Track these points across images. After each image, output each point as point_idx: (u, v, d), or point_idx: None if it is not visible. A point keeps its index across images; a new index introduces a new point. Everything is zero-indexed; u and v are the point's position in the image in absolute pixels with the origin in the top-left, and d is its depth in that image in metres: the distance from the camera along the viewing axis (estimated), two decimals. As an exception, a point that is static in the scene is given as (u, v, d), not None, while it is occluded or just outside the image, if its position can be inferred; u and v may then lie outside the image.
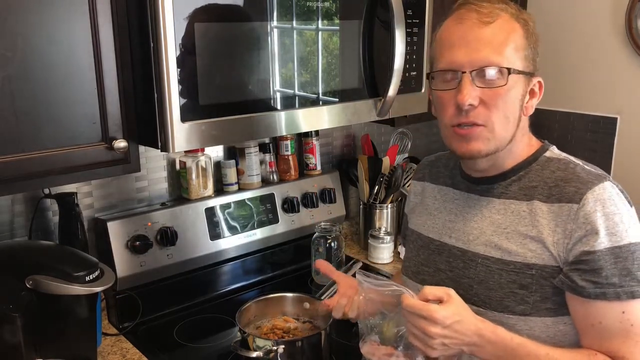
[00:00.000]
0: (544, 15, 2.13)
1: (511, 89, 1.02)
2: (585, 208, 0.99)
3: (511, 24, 1.03)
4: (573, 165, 1.07)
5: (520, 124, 1.07)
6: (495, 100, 1.01)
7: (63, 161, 1.13)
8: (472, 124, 1.03)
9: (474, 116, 1.02)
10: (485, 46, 1.01)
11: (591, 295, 0.98)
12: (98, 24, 1.11)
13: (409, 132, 2.12)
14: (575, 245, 0.99)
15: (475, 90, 1.01)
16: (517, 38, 1.03)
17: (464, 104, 1.00)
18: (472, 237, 1.11)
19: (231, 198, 1.74)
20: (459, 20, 1.04)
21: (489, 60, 1.00)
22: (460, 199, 1.16)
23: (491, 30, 1.01)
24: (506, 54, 1.01)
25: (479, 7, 1.03)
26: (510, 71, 1.00)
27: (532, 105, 1.08)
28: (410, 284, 1.22)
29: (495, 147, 1.05)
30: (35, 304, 1.17)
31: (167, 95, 1.14)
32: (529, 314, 1.03)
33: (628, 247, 0.98)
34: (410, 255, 1.26)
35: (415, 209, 1.29)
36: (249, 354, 1.29)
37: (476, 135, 1.03)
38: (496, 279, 1.06)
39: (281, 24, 1.30)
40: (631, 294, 0.97)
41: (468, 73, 1.01)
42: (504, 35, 1.02)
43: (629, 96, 1.97)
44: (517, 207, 1.07)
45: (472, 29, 1.02)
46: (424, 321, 0.97)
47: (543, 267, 1.02)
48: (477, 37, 1.01)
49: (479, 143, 1.04)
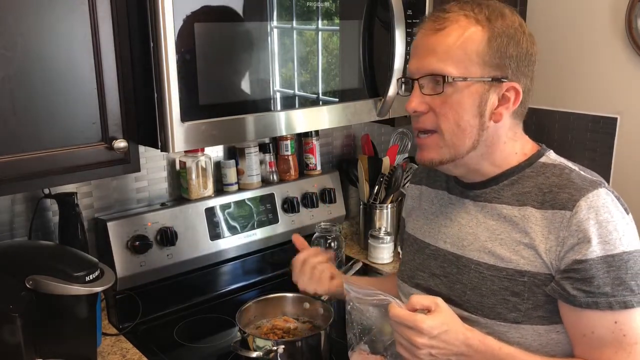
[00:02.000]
0: (543, 15, 2.13)
1: (459, 97, 1.00)
2: (578, 216, 0.97)
3: (467, 29, 0.99)
4: (568, 171, 1.05)
5: (489, 132, 1.03)
6: (442, 108, 1.01)
7: (63, 161, 1.13)
8: (422, 129, 1.05)
9: (422, 122, 1.04)
10: (429, 54, 1.01)
11: (583, 304, 0.97)
12: (98, 24, 1.11)
13: (409, 132, 2.12)
14: (567, 253, 0.98)
15: (422, 97, 1.02)
16: (471, 44, 0.99)
17: (410, 110, 1.04)
18: (466, 243, 1.09)
19: (231, 198, 1.74)
20: (419, 29, 1.06)
21: (430, 68, 1.00)
22: (455, 203, 1.15)
23: (439, 37, 1.00)
24: (453, 60, 0.99)
25: (438, 14, 1.02)
26: (446, 79, 0.99)
27: (502, 113, 1.03)
28: (404, 288, 1.21)
29: (451, 156, 1.04)
30: (35, 304, 1.17)
31: (167, 95, 1.14)
32: (521, 321, 1.02)
33: (621, 256, 0.96)
34: (406, 259, 1.24)
35: (412, 212, 1.28)
36: (249, 354, 1.29)
37: (428, 144, 1.05)
38: (488, 286, 1.04)
39: (281, 24, 1.30)
40: (624, 303, 0.95)
41: (416, 80, 1.02)
42: (451, 41, 0.99)
43: (629, 96, 1.97)
44: (510, 213, 1.05)
45: (423, 38, 1.03)
46: (411, 331, 0.96)
47: (535, 275, 1.01)
48: (425, 44, 1.02)
49: (432, 152, 1.05)
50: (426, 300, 1.00)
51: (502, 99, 1.02)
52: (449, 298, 1.08)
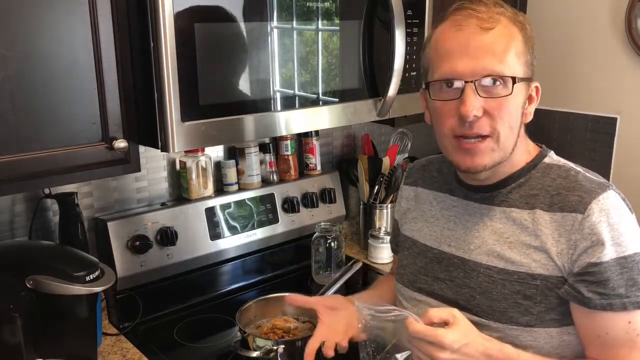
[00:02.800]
0: (543, 15, 2.13)
1: (515, 98, 0.99)
2: (591, 219, 0.97)
3: (510, 29, 0.99)
4: (574, 172, 1.05)
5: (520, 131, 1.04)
6: (500, 111, 0.98)
7: (63, 161, 1.13)
8: (476, 135, 0.99)
9: (479, 127, 0.98)
10: (487, 54, 0.96)
11: (597, 306, 0.97)
12: (98, 24, 1.11)
13: (409, 132, 2.12)
14: (581, 256, 0.97)
15: (479, 101, 0.97)
16: (517, 44, 0.99)
17: (469, 115, 0.96)
18: (472, 247, 1.08)
19: (231, 198, 1.74)
20: (457, 26, 0.98)
21: (492, 69, 0.96)
22: (458, 206, 1.13)
23: (492, 37, 0.97)
24: (508, 61, 0.97)
25: (477, 12, 0.97)
26: (516, 80, 0.97)
27: (531, 112, 1.05)
28: (405, 292, 1.19)
29: (500, 158, 1.02)
30: (35, 304, 1.17)
31: (167, 95, 1.14)
32: (534, 325, 1.01)
33: (633, 257, 0.97)
34: (405, 262, 1.22)
35: (407, 214, 1.25)
36: (249, 354, 1.29)
37: (482, 149, 1.00)
38: (499, 290, 1.03)
39: (281, 24, 1.30)
40: (637, 304, 0.96)
41: (472, 83, 0.96)
42: (505, 41, 0.97)
43: (629, 96, 1.97)
44: (519, 216, 1.04)
45: (472, 36, 0.97)
46: (432, 347, 0.94)
47: (547, 278, 1.00)
48: (477, 44, 0.97)
49: (485, 157, 1.00)
50: (443, 312, 0.97)
51: (529, 99, 1.04)
52: (456, 302, 1.07)
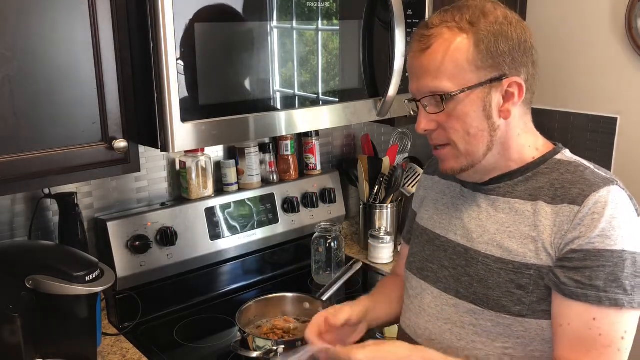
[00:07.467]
0: (544, 15, 2.13)
1: (462, 108, 1.01)
2: (585, 210, 0.98)
3: (452, 41, 0.99)
4: (583, 168, 1.05)
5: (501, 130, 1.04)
6: (449, 123, 1.03)
7: (63, 161, 1.13)
8: (435, 145, 1.08)
9: (435, 139, 1.07)
10: (423, 74, 1.03)
11: (573, 295, 0.96)
12: (98, 24, 1.11)
13: (409, 132, 2.12)
14: (568, 244, 0.98)
15: (429, 116, 1.04)
16: (459, 54, 0.99)
17: (420, 130, 1.07)
18: (475, 235, 1.10)
19: (231, 198, 1.74)
20: (409, 50, 1.07)
21: (428, 88, 1.02)
22: (467, 196, 1.16)
23: (427, 55, 1.01)
24: (447, 75, 1.00)
25: (422, 32, 1.03)
26: (444, 97, 1.00)
27: (509, 109, 1.03)
28: (413, 280, 1.21)
29: (469, 162, 1.06)
30: (35, 304, 1.17)
31: (167, 95, 1.14)
32: (525, 315, 1.02)
33: (620, 254, 0.95)
34: (415, 250, 1.24)
35: (423, 203, 1.28)
36: (249, 354, 1.29)
37: (444, 155, 1.08)
38: (495, 278, 1.05)
39: (281, 24, 1.30)
40: (615, 301, 0.94)
41: (420, 102, 1.05)
42: (439, 58, 1.00)
43: (629, 96, 1.97)
44: (522, 207, 1.06)
45: (414, 59, 1.05)
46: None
47: (540, 268, 1.01)
48: (417, 65, 1.04)
49: (451, 162, 1.08)
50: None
51: (507, 96, 1.03)
52: (456, 290, 1.09)
